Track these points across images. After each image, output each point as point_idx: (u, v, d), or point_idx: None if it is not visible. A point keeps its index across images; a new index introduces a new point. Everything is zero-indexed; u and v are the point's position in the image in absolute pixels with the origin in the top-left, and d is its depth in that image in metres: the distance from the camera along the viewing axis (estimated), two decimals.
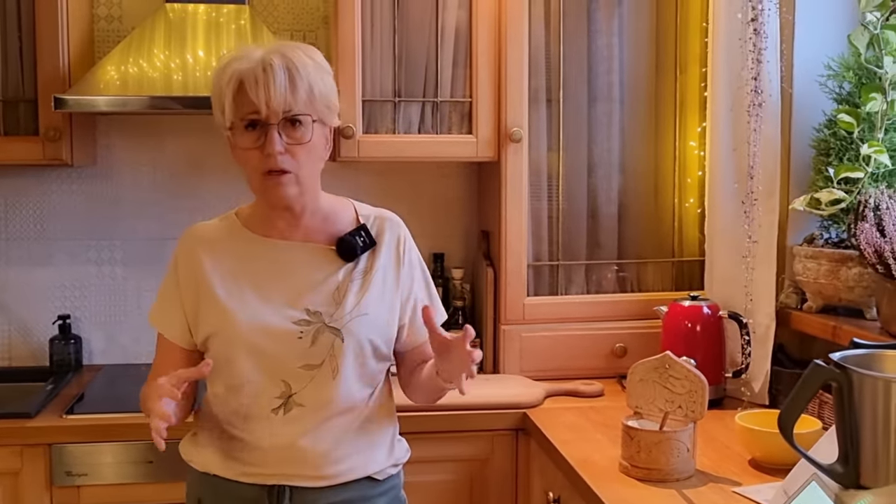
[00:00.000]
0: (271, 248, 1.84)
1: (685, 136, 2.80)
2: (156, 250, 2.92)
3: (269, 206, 1.82)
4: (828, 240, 2.44)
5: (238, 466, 1.80)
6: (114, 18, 2.87)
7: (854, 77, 2.37)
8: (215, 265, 1.83)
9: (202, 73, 2.61)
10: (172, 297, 1.86)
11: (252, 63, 1.72)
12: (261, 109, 1.71)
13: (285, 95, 1.71)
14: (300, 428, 1.77)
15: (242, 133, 1.75)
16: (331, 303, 1.80)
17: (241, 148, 1.75)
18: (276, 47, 1.77)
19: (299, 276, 1.82)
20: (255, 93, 1.70)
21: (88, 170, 2.89)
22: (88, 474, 2.36)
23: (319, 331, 1.79)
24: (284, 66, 1.72)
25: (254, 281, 1.81)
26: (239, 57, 1.75)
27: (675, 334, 2.52)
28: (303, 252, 1.84)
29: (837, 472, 1.49)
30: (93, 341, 2.93)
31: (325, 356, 1.78)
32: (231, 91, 1.72)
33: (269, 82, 1.70)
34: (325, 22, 2.92)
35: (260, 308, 1.79)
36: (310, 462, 1.78)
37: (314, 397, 1.78)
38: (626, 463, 2.01)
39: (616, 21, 2.75)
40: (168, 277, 1.89)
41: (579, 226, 2.80)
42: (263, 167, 1.74)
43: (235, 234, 1.87)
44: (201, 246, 1.85)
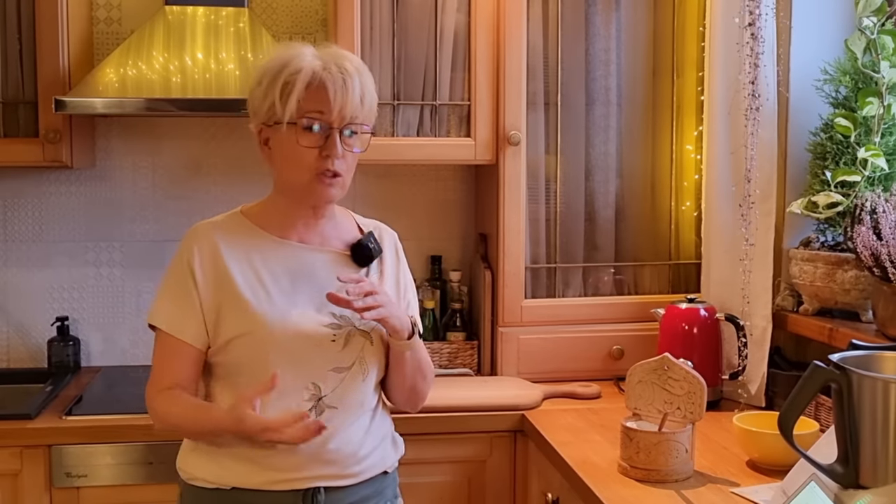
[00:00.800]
0: (291, 251, 1.84)
1: (682, 140, 2.82)
2: (154, 252, 2.93)
3: (301, 205, 1.82)
4: (824, 243, 2.45)
5: (269, 474, 1.76)
6: (113, 21, 2.88)
7: (850, 82, 2.38)
8: (236, 262, 1.80)
9: (201, 76, 2.62)
10: (185, 295, 1.79)
11: (322, 63, 1.75)
12: (332, 112, 1.73)
13: (356, 105, 1.75)
14: (332, 429, 1.76)
15: (302, 131, 1.75)
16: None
17: (300, 146, 1.75)
18: (338, 53, 1.79)
19: (320, 281, 1.81)
20: (333, 96, 1.72)
21: (87, 172, 2.90)
22: (88, 475, 2.37)
23: (351, 334, 1.81)
24: (358, 76, 1.76)
25: (277, 283, 1.80)
26: (299, 54, 1.76)
27: (672, 336, 2.54)
28: (321, 256, 1.85)
29: (837, 472, 1.50)
30: (91, 343, 2.93)
31: (355, 358, 1.81)
32: (303, 87, 1.73)
33: (347, 88, 1.74)
34: (323, 25, 2.93)
35: (290, 311, 1.78)
36: (341, 462, 1.79)
37: (345, 399, 1.80)
38: (625, 464, 2.02)
39: (613, 25, 2.77)
40: (177, 274, 1.82)
41: (577, 228, 2.81)
42: (319, 168, 1.76)
43: (250, 232, 1.85)
44: (219, 242, 1.82)
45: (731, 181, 2.56)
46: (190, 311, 1.79)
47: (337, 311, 1.80)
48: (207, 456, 1.80)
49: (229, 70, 2.63)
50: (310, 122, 1.75)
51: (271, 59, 1.80)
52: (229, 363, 1.80)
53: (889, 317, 2.16)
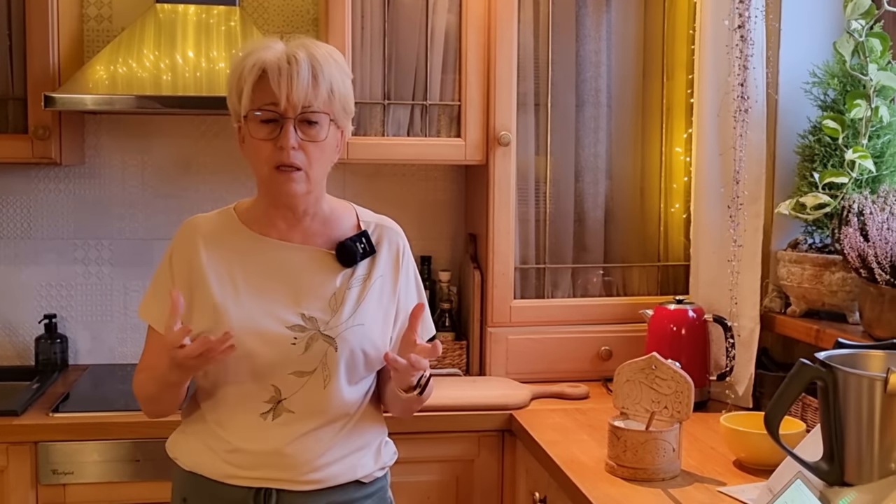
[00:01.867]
0: (269, 248, 1.81)
1: (671, 142, 2.83)
2: (143, 250, 2.92)
3: (273, 202, 1.80)
4: (812, 245, 2.47)
5: (225, 468, 1.77)
6: (104, 18, 2.88)
7: (838, 84, 2.40)
8: (211, 260, 1.80)
9: (191, 74, 2.62)
10: (164, 288, 1.80)
11: (277, 54, 1.71)
12: (280, 102, 1.70)
13: (307, 90, 1.70)
14: (289, 434, 1.75)
15: (257, 124, 1.73)
16: (327, 309, 1.78)
17: (255, 138, 1.73)
18: (302, 42, 1.76)
19: (296, 279, 1.80)
20: (277, 84, 1.69)
21: (76, 169, 2.89)
22: (74, 473, 2.36)
23: (313, 338, 1.76)
24: (309, 62, 1.71)
25: (249, 280, 1.79)
26: (263, 47, 1.74)
27: (661, 337, 2.54)
28: (301, 254, 1.82)
29: (822, 469, 1.51)
30: (79, 341, 2.92)
31: (318, 364, 1.76)
32: (252, 79, 1.71)
33: (292, 75, 1.69)
34: (314, 24, 2.94)
35: (254, 310, 1.76)
36: (297, 468, 1.76)
37: (304, 404, 1.76)
38: (612, 462, 2.02)
39: (604, 27, 2.78)
40: (161, 269, 1.85)
41: (566, 229, 2.82)
42: (275, 160, 1.72)
43: (233, 230, 1.84)
44: (199, 239, 1.82)
45: (719, 183, 2.57)
46: (166, 305, 1.76)
47: (307, 312, 1.77)
48: (187, 441, 1.84)
49: (220, 69, 2.63)
50: (263, 115, 1.72)
51: (236, 56, 1.79)
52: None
53: (876, 318, 2.17)
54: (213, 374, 1.78)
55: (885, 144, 2.37)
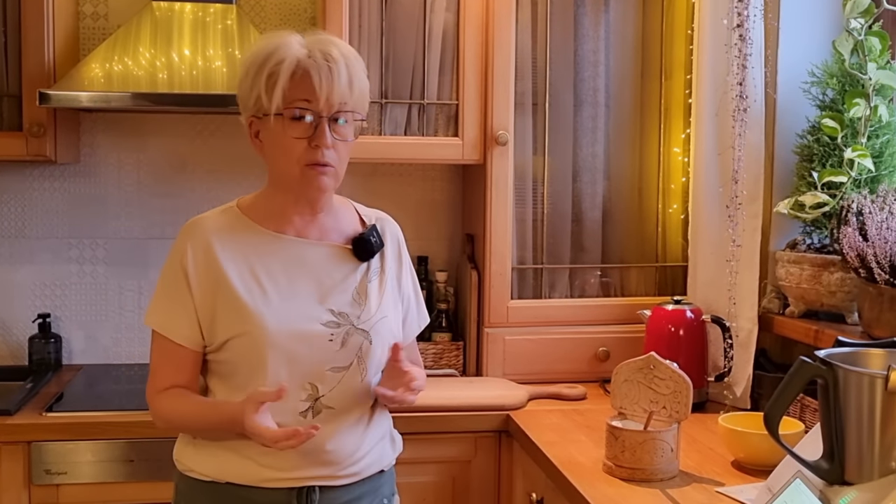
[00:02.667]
0: (288, 246, 1.79)
1: (669, 142, 2.82)
2: (138, 250, 2.91)
3: (297, 199, 1.77)
4: (810, 245, 2.46)
5: (263, 472, 1.73)
6: (100, 16, 2.86)
7: (837, 84, 2.39)
8: (230, 260, 1.75)
9: (187, 72, 2.60)
10: (179, 295, 1.76)
11: (310, 52, 1.70)
12: (319, 100, 1.69)
13: (344, 91, 1.70)
14: (329, 430, 1.74)
15: (289, 122, 1.71)
16: (354, 304, 1.78)
17: (290, 136, 1.71)
18: (326, 39, 1.74)
19: (319, 276, 1.78)
20: (318, 83, 1.68)
21: (71, 168, 2.88)
22: (68, 473, 2.34)
23: (349, 333, 1.76)
24: (345, 62, 1.71)
25: (273, 280, 1.76)
26: (285, 43, 1.71)
27: (659, 338, 2.53)
28: (320, 251, 1.81)
29: (823, 468, 1.50)
30: (73, 341, 2.90)
31: (354, 358, 1.77)
32: (288, 76, 1.69)
33: (333, 75, 1.69)
34: (312, 23, 2.92)
35: (286, 309, 1.74)
36: (339, 463, 1.76)
37: (343, 399, 1.76)
38: (610, 463, 2.01)
39: (602, 26, 2.77)
40: (170, 274, 1.78)
41: (563, 230, 2.81)
42: (308, 159, 1.71)
43: (245, 228, 1.80)
44: (212, 239, 1.77)
45: (718, 183, 2.56)
46: (182, 313, 1.76)
47: (336, 308, 1.76)
48: (205, 449, 1.77)
49: (216, 67, 2.62)
50: (297, 113, 1.71)
51: (256, 49, 1.75)
52: (226, 362, 1.76)
53: (875, 318, 2.15)
54: (245, 377, 1.73)
55: (883, 144, 2.36)
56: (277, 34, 1.76)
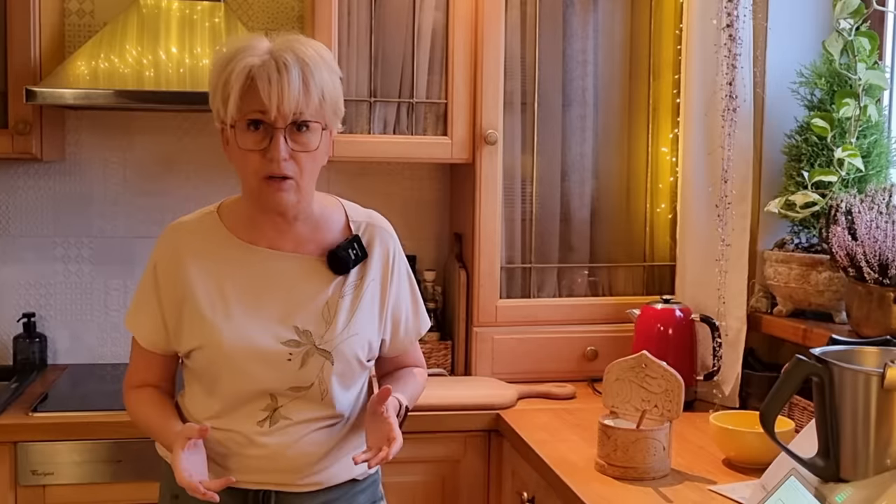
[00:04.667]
0: (259, 258, 1.73)
1: (657, 142, 2.82)
2: (124, 249, 2.88)
3: (261, 210, 1.71)
4: (798, 244, 2.47)
5: (221, 472, 1.70)
6: (85, 13, 2.84)
7: (825, 84, 2.40)
8: (199, 273, 1.72)
9: (174, 70, 2.58)
10: (150, 302, 1.75)
11: (263, 57, 1.61)
12: (270, 111, 1.59)
13: (298, 99, 1.60)
14: (287, 439, 1.71)
15: (244, 132, 1.63)
16: (320, 321, 1.72)
17: (243, 149, 1.64)
18: (288, 43, 1.64)
19: (289, 291, 1.72)
20: (266, 93, 1.58)
21: (57, 166, 2.85)
22: (54, 473, 2.32)
23: (309, 353, 1.70)
24: (299, 67, 1.61)
25: (240, 293, 1.71)
26: (247, 47, 1.63)
27: (648, 337, 2.53)
28: (292, 263, 1.74)
29: (818, 465, 1.50)
30: (58, 340, 2.87)
31: (315, 379, 1.71)
32: (240, 86, 1.60)
33: (283, 83, 1.59)
34: (299, 21, 2.91)
35: (247, 325, 1.70)
36: (296, 471, 1.73)
37: (302, 412, 1.72)
38: (602, 461, 2.01)
39: (591, 26, 2.77)
40: (146, 280, 1.77)
41: (552, 229, 2.81)
42: (265, 171, 1.63)
43: (220, 239, 1.74)
44: (184, 250, 1.73)
45: (706, 182, 2.56)
46: (149, 318, 1.75)
47: (300, 326, 1.71)
48: None
49: (203, 65, 2.60)
50: (250, 123, 1.62)
51: (219, 54, 1.68)
52: (193, 370, 1.76)
53: (863, 317, 2.17)
54: (206, 384, 1.73)
55: (871, 144, 2.38)
56: (246, 37, 1.69)
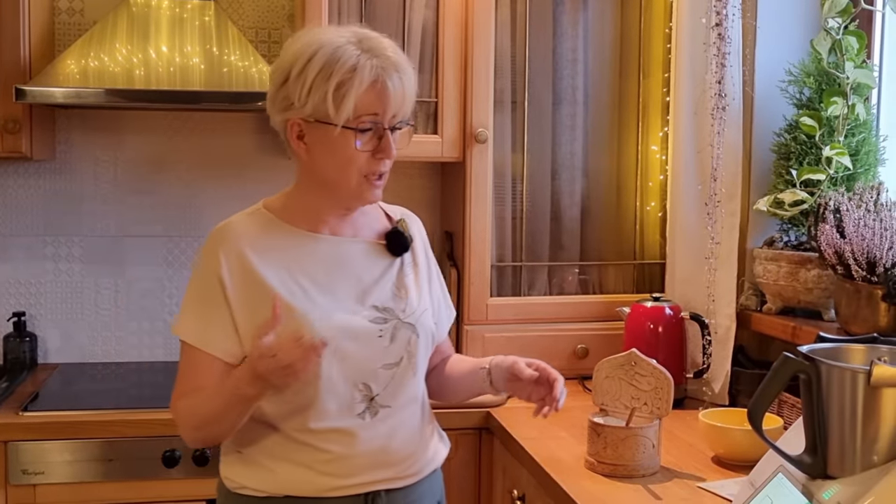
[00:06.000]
0: (324, 244, 1.74)
1: (647, 140, 2.83)
2: (115, 248, 2.88)
3: (338, 203, 1.73)
4: (787, 242, 2.48)
5: (326, 480, 1.67)
6: (75, 11, 2.83)
7: (814, 83, 2.41)
8: (270, 266, 1.68)
9: (165, 69, 2.58)
10: (218, 311, 1.67)
11: (379, 62, 1.63)
12: (388, 113, 1.64)
13: (410, 101, 1.69)
14: (389, 429, 1.71)
15: (354, 133, 1.64)
16: (396, 298, 1.75)
17: (355, 149, 1.64)
18: (380, 42, 1.66)
19: (359, 273, 1.74)
20: (393, 98, 1.63)
21: (47, 164, 2.84)
22: (45, 473, 2.32)
23: (396, 327, 1.73)
24: (409, 70, 1.68)
25: (314, 279, 1.70)
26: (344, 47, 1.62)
27: (638, 335, 2.54)
28: (356, 247, 1.77)
29: (805, 462, 1.51)
30: (48, 339, 2.87)
31: (403, 353, 1.73)
32: (362, 89, 1.61)
33: (404, 86, 1.66)
34: (289, 20, 2.91)
35: (332, 308, 1.68)
36: (402, 462, 1.73)
37: (397, 396, 1.73)
38: (592, 459, 2.02)
39: (581, 25, 2.78)
40: (204, 286, 1.70)
41: (542, 227, 2.81)
42: (370, 170, 1.67)
43: (278, 229, 1.73)
44: (246, 248, 1.69)
45: (696, 181, 2.57)
46: (219, 325, 1.68)
47: (380, 304, 1.73)
48: (256, 464, 1.70)
49: (194, 64, 2.60)
50: (365, 125, 1.64)
51: (304, 46, 1.64)
52: None
53: (852, 314, 2.18)
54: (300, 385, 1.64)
55: (859, 142, 2.39)
56: (321, 30, 1.69)
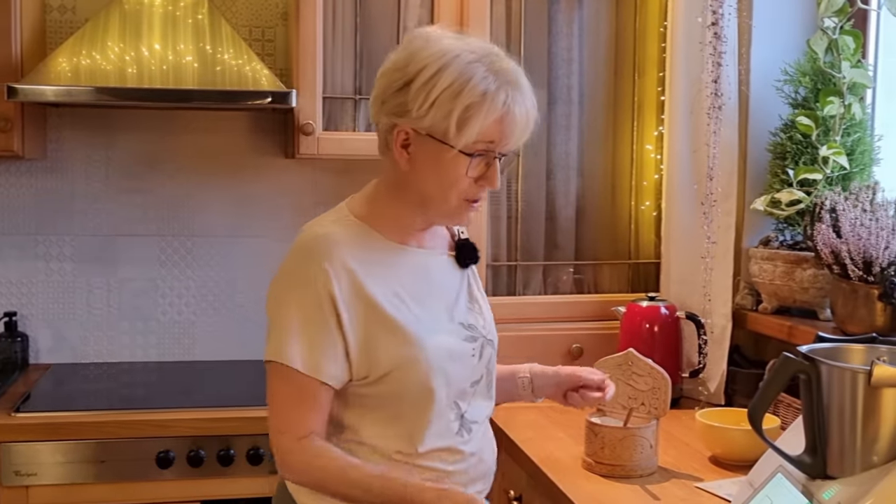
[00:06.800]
0: (413, 257, 1.66)
1: (642, 140, 2.83)
2: (106, 247, 2.86)
3: (432, 219, 1.68)
4: (783, 242, 2.48)
5: None
6: (67, 9, 2.81)
7: (810, 82, 2.41)
8: (375, 282, 1.59)
9: (157, 67, 2.57)
10: (325, 328, 1.56)
11: (517, 92, 1.57)
12: (503, 143, 1.58)
13: (528, 133, 1.62)
14: (479, 443, 1.70)
15: (465, 157, 1.56)
16: (472, 314, 1.72)
17: (466, 175, 1.58)
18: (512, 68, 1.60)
19: (444, 288, 1.69)
20: (517, 127, 1.57)
21: (38, 163, 2.82)
22: (37, 474, 2.30)
23: (483, 345, 1.70)
24: (534, 100, 1.62)
25: (412, 296, 1.62)
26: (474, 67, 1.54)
27: (633, 334, 2.53)
28: (438, 260, 1.71)
29: (805, 462, 1.51)
30: (40, 340, 2.85)
31: (484, 370, 1.71)
32: (491, 118, 1.54)
33: (528, 118, 1.60)
34: (283, 18, 2.90)
35: (434, 327, 1.62)
36: (489, 473, 1.74)
37: (480, 411, 1.71)
38: (589, 459, 2.01)
39: (576, 24, 2.77)
40: (310, 302, 1.56)
41: (537, 227, 2.81)
42: (473, 195, 1.61)
43: (373, 240, 1.64)
44: (352, 263, 1.58)
45: (692, 180, 2.57)
46: (331, 348, 1.56)
47: (464, 321, 1.69)
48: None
49: (187, 62, 2.58)
50: (479, 151, 1.57)
51: (436, 56, 1.55)
52: (380, 395, 1.61)
53: (848, 314, 2.18)
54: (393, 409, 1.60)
55: (855, 142, 2.38)
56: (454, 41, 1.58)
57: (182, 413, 2.39)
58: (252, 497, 2.39)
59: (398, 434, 1.62)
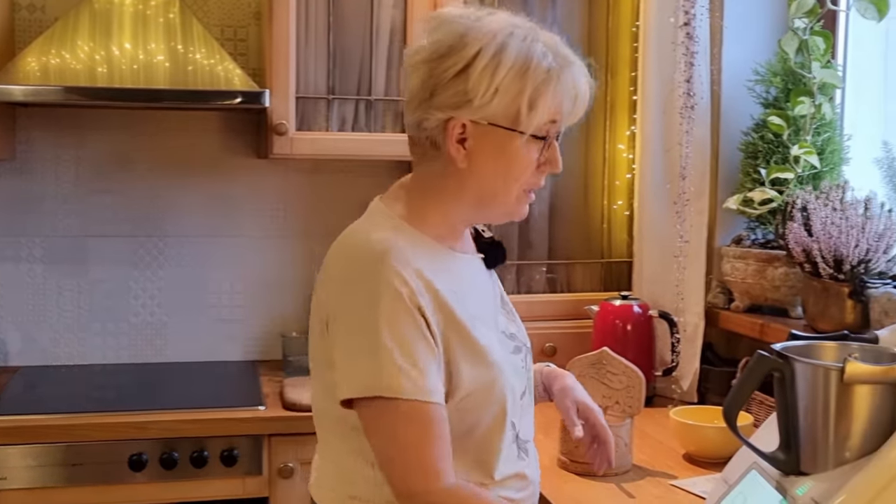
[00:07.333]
0: (461, 263, 1.50)
1: (614, 139, 2.84)
2: (77, 248, 2.83)
3: (487, 217, 1.53)
4: (755, 240, 2.50)
5: None
6: (36, 8, 2.78)
7: (781, 83, 2.43)
8: (448, 294, 1.40)
9: (128, 66, 2.54)
10: (425, 345, 1.35)
11: (577, 67, 1.47)
12: (565, 120, 1.46)
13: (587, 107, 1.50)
14: (535, 469, 1.58)
15: (533, 141, 1.43)
16: (511, 321, 1.59)
17: (532, 158, 1.44)
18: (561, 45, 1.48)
19: (484, 293, 1.54)
20: (583, 103, 1.47)
21: (7, 164, 2.79)
22: (7, 478, 2.27)
23: (527, 355, 1.57)
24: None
25: (472, 306, 1.45)
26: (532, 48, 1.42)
27: (606, 333, 2.55)
28: (476, 265, 1.56)
29: (779, 459, 1.52)
30: (9, 342, 2.81)
31: (527, 381, 1.56)
32: (562, 97, 1.43)
33: (592, 95, 1.49)
34: (256, 17, 2.88)
35: (497, 340, 1.48)
36: (536, 496, 1.60)
37: (528, 429, 1.57)
38: (564, 458, 2.01)
39: (549, 23, 2.77)
40: (400, 320, 1.34)
41: (511, 226, 2.81)
42: (533, 184, 1.48)
43: (436, 251, 1.46)
44: (422, 266, 1.39)
45: (664, 179, 2.59)
46: (434, 366, 1.36)
47: (506, 330, 1.54)
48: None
49: (158, 62, 2.56)
50: (544, 134, 1.44)
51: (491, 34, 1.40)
52: (462, 421, 1.41)
53: (819, 312, 2.20)
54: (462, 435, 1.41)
55: (825, 141, 2.41)
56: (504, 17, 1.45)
57: (155, 415, 2.36)
58: (226, 499, 2.38)
59: (476, 462, 1.46)
